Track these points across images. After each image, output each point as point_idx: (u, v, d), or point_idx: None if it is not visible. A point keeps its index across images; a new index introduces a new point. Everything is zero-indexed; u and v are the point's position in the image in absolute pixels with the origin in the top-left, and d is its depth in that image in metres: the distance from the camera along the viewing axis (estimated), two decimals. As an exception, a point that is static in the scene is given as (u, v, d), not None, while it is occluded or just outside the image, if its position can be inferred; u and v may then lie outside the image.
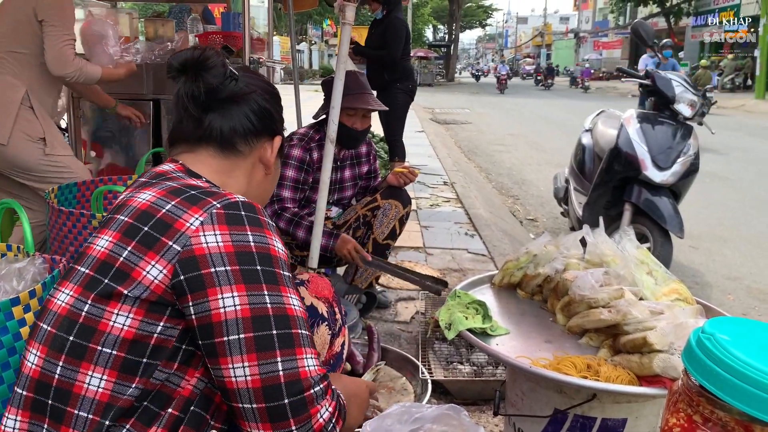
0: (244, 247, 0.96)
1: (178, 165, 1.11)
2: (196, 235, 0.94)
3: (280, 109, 1.23)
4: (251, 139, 1.17)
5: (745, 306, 3.44)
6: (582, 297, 1.43)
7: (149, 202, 0.99)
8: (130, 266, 0.95)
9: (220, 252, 0.94)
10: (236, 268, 0.94)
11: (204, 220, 0.96)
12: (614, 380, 1.23)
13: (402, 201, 2.72)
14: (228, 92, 1.13)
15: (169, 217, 0.96)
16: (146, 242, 0.95)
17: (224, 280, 0.93)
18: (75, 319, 0.95)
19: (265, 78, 1.26)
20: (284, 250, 1.02)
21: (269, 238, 0.99)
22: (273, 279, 0.97)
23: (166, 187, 1.02)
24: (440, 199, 5.48)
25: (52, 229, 2.21)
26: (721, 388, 0.78)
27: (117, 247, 0.97)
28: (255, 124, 1.16)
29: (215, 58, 1.11)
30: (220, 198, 1.00)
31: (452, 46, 41.46)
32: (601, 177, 3.54)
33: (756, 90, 20.40)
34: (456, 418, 1.45)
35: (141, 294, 0.93)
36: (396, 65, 5.26)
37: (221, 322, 0.92)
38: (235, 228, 0.96)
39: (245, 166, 1.18)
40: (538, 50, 68.19)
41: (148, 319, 0.94)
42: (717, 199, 6.01)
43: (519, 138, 11.09)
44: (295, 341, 0.95)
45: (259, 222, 1.00)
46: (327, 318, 1.37)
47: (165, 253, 0.94)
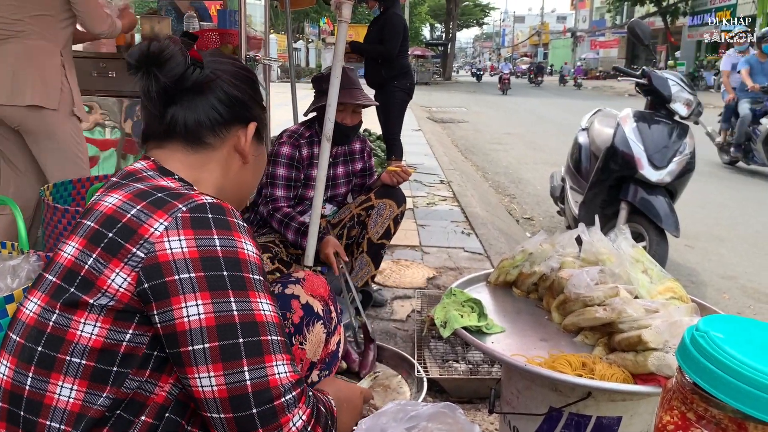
0: (209, 252, 0.92)
1: (149, 162, 1.07)
2: (160, 241, 0.91)
3: (254, 93, 1.17)
4: (220, 130, 1.11)
5: (740, 305, 3.45)
6: (577, 295, 1.43)
7: (115, 206, 0.96)
8: (95, 274, 0.92)
9: (185, 258, 0.91)
10: (201, 274, 0.91)
11: (168, 224, 0.92)
12: (609, 378, 1.23)
13: (396, 200, 2.71)
14: (191, 82, 1.07)
15: (134, 222, 0.93)
16: (111, 249, 0.92)
17: (188, 288, 0.90)
18: (43, 329, 0.93)
19: (237, 61, 1.19)
20: (255, 253, 0.98)
21: (238, 240, 0.95)
22: (241, 284, 0.93)
23: (133, 189, 0.99)
24: (437, 198, 5.49)
25: (47, 226, 2.20)
26: (715, 386, 0.78)
27: (82, 255, 0.94)
28: (222, 113, 1.10)
29: (171, 49, 1.04)
30: (186, 200, 0.96)
31: (449, 44, 41.49)
32: (597, 176, 3.55)
33: (752, 90, 20.44)
34: (451, 416, 1.45)
35: (107, 303, 0.91)
36: (393, 61, 5.23)
37: (185, 332, 0.89)
38: (201, 232, 0.93)
39: (218, 157, 1.13)
40: (535, 49, 68.28)
41: (116, 328, 0.92)
42: (713, 199, 6.03)
43: (516, 137, 11.11)
44: (264, 349, 0.92)
45: (227, 224, 0.96)
46: (323, 316, 1.36)
47: (129, 260, 0.91)
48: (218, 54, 1.18)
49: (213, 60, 1.12)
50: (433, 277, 3.35)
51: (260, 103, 1.18)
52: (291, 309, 1.33)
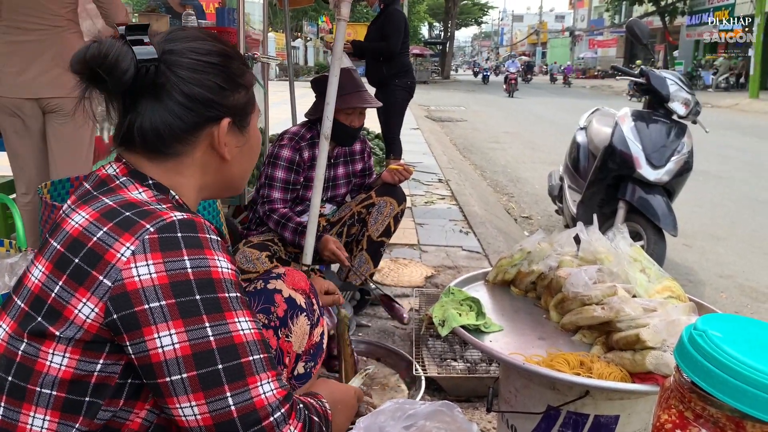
0: (180, 276, 0.86)
1: (122, 166, 1.00)
2: (127, 268, 0.85)
3: (225, 80, 1.02)
4: (185, 137, 1.00)
5: (737, 304, 3.46)
6: (575, 294, 1.43)
7: (81, 227, 0.90)
8: (62, 304, 0.88)
9: (154, 285, 0.85)
10: (172, 301, 0.85)
11: (135, 249, 0.86)
12: (607, 377, 1.23)
13: (397, 198, 2.71)
14: (145, 86, 0.96)
15: (100, 246, 0.87)
16: (77, 277, 0.87)
17: (159, 317, 0.85)
18: (12, 357, 0.90)
19: (199, 38, 1.03)
20: (230, 269, 0.92)
21: (210, 258, 0.89)
22: (215, 307, 0.88)
23: (101, 207, 0.92)
24: (435, 197, 5.49)
25: (45, 223, 2.20)
26: (713, 385, 0.79)
27: (49, 281, 0.89)
28: (184, 119, 0.98)
29: (116, 50, 0.92)
30: (154, 220, 0.89)
31: (448, 43, 41.47)
32: (595, 175, 3.55)
33: (750, 89, 20.50)
34: (449, 415, 1.45)
35: (74, 335, 0.87)
36: (395, 59, 5.21)
37: (161, 362, 0.85)
38: (170, 254, 0.87)
39: (191, 161, 1.03)
40: (533, 48, 68.32)
41: (86, 358, 0.88)
42: (710, 198, 6.04)
43: (514, 136, 11.11)
44: (246, 371, 0.88)
45: (198, 242, 0.89)
46: (305, 309, 1.37)
47: (96, 290, 0.86)
48: (175, 35, 1.02)
49: (169, 49, 0.98)
50: (432, 275, 3.35)
51: (236, 87, 1.05)
52: (275, 303, 1.33)
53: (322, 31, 39.97)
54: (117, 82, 0.93)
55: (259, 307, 1.32)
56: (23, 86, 2.61)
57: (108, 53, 0.91)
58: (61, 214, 0.98)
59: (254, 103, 1.11)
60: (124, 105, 0.98)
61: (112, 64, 0.91)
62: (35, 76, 2.61)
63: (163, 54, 0.97)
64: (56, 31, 2.64)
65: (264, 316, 1.31)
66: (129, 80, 0.93)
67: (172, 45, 0.99)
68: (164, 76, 0.96)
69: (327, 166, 2.59)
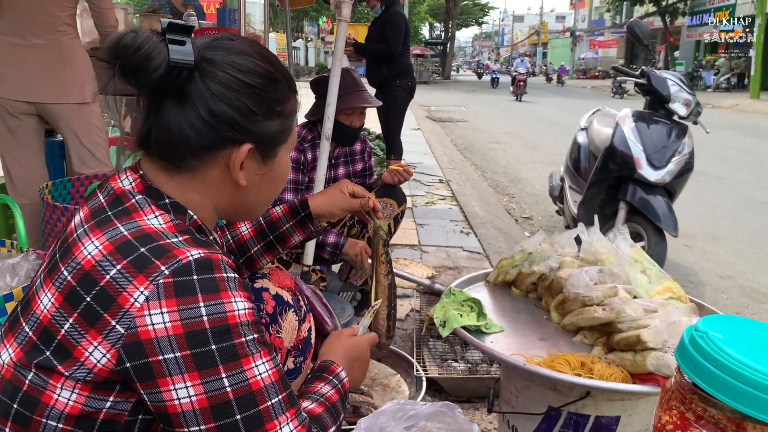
0: (195, 325, 0.83)
1: (138, 180, 0.95)
2: (141, 315, 0.82)
3: (258, 103, 0.95)
4: (200, 153, 0.94)
5: (738, 305, 3.46)
6: (576, 295, 1.43)
7: (94, 260, 0.86)
8: (72, 343, 0.85)
9: (168, 336, 0.82)
10: (187, 353, 0.83)
11: (149, 294, 0.83)
12: (608, 378, 1.23)
13: (397, 199, 2.72)
14: (173, 89, 0.90)
15: (113, 287, 0.84)
16: (88, 317, 0.84)
17: (175, 369, 0.82)
18: (19, 385, 0.87)
19: (247, 53, 0.96)
20: (248, 308, 0.89)
21: (227, 302, 0.86)
22: (232, 355, 0.85)
23: (116, 237, 0.87)
24: (436, 197, 5.49)
25: (46, 224, 2.20)
26: (714, 386, 0.79)
27: (59, 315, 0.86)
28: (203, 134, 0.92)
29: (150, 45, 0.87)
30: (170, 261, 0.85)
31: (448, 44, 41.47)
32: (596, 175, 3.55)
33: (750, 90, 20.49)
34: (450, 416, 1.45)
35: (84, 377, 0.85)
36: (395, 60, 5.23)
37: (178, 414, 0.84)
38: (185, 301, 0.83)
39: (205, 178, 0.97)
40: (534, 49, 68.29)
41: (96, 396, 0.86)
42: (711, 199, 6.04)
43: (514, 136, 11.11)
44: (265, 417, 0.87)
45: (214, 285, 0.86)
46: (293, 305, 1.38)
47: (108, 335, 0.83)
48: (220, 43, 0.96)
49: (208, 58, 0.92)
50: (432, 276, 3.35)
51: (269, 114, 0.97)
52: (263, 301, 1.34)
53: (322, 31, 40.01)
54: (144, 80, 0.88)
55: None
56: (22, 89, 2.62)
57: (141, 46, 0.86)
58: (72, 233, 0.93)
59: (289, 134, 1.04)
60: (149, 105, 0.94)
61: (143, 58, 0.86)
62: (34, 81, 2.62)
63: (201, 61, 0.92)
64: (56, 35, 2.65)
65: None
66: (157, 80, 0.88)
67: (212, 53, 0.93)
68: (195, 84, 0.91)
69: (328, 167, 2.60)
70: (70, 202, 2.58)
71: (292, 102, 1.03)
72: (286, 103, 1.01)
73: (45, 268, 0.94)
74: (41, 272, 0.95)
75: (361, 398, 1.93)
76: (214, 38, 0.96)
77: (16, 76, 2.61)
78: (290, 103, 1.02)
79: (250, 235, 1.43)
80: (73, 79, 2.69)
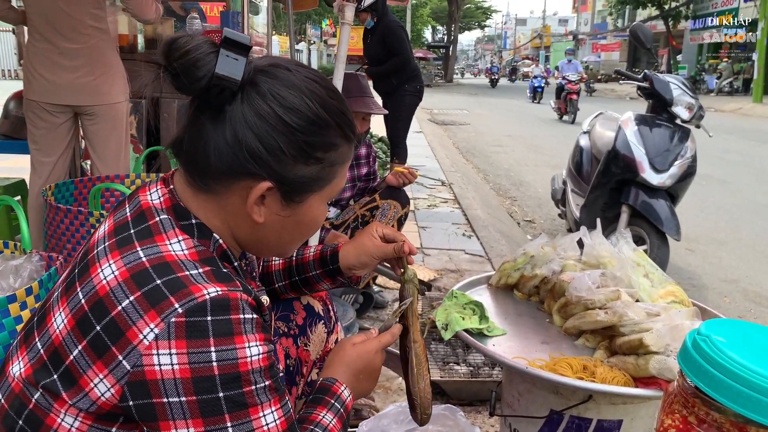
0: (203, 370, 0.80)
1: (166, 195, 0.92)
2: (149, 354, 0.79)
3: (297, 148, 0.89)
4: (219, 177, 0.90)
5: (740, 308, 3.45)
6: (579, 298, 1.43)
7: (109, 287, 0.83)
8: (79, 371, 0.83)
9: (175, 378, 0.79)
10: (193, 398, 0.79)
11: (159, 333, 0.79)
12: (610, 381, 1.23)
13: (401, 201, 2.72)
14: (213, 105, 0.87)
15: (123, 320, 0.81)
16: (96, 347, 0.82)
17: (178, 414, 0.80)
18: (26, 402, 0.86)
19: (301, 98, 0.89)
20: (262, 353, 0.84)
21: (240, 348, 0.82)
22: (239, 404, 0.82)
23: (134, 264, 0.84)
24: (438, 200, 5.49)
25: (50, 226, 2.21)
26: (717, 390, 0.79)
27: (70, 339, 0.84)
28: (223, 158, 0.88)
29: (198, 53, 0.83)
30: (185, 298, 0.81)
31: (451, 47, 41.50)
32: (598, 179, 3.55)
33: (753, 93, 20.46)
34: (452, 419, 1.45)
35: (88, 408, 0.83)
36: (407, 67, 5.26)
37: None
38: (196, 344, 0.80)
39: (226, 203, 0.92)
40: (536, 52, 68.31)
41: (99, 426, 0.84)
42: (713, 202, 6.03)
43: (517, 139, 11.11)
44: None
45: (229, 328, 0.82)
46: (323, 316, 1.37)
47: (114, 369, 0.81)
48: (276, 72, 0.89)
49: (256, 81, 0.87)
50: (434, 278, 3.35)
51: (303, 158, 0.90)
52: (294, 311, 1.33)
53: (325, 34, 40.08)
54: (186, 86, 0.85)
55: (278, 315, 1.31)
56: (56, 92, 2.72)
57: (190, 52, 0.83)
58: (94, 247, 0.90)
59: (327, 184, 0.95)
60: (191, 111, 0.90)
61: (189, 64, 0.83)
62: (66, 83, 2.71)
63: (248, 84, 0.87)
64: (83, 38, 2.72)
65: (283, 324, 1.31)
66: (198, 90, 0.85)
67: (262, 78, 0.88)
68: (234, 105, 0.86)
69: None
70: (73, 204, 2.59)
71: (340, 151, 0.94)
72: (331, 151, 0.93)
73: (65, 279, 0.92)
74: (60, 284, 0.93)
75: (363, 401, 1.93)
76: (272, 62, 0.91)
77: (49, 80, 2.71)
78: (336, 152, 0.94)
79: (278, 268, 1.34)
80: (103, 80, 2.78)
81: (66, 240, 2.14)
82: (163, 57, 0.85)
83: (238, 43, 0.85)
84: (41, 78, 2.71)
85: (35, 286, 1.42)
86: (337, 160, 0.95)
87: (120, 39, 3.82)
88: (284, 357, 1.26)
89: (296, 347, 1.30)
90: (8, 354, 0.93)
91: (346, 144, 0.96)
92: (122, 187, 2.19)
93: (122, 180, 2.70)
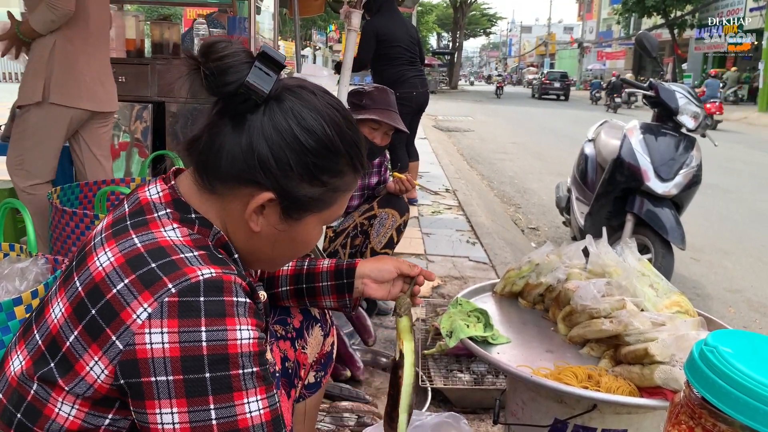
0: (192, 349, 0.80)
1: (167, 191, 0.94)
2: (141, 332, 0.80)
3: (305, 168, 0.92)
4: (225, 180, 0.92)
5: (746, 319, 3.43)
6: (584, 307, 1.43)
7: (104, 272, 0.85)
8: (75, 356, 0.84)
9: (164, 357, 0.80)
10: (179, 377, 0.80)
11: (152, 312, 0.80)
12: (615, 391, 1.22)
13: (399, 210, 2.71)
14: (237, 111, 0.90)
15: (118, 302, 0.82)
16: (92, 331, 0.83)
17: (164, 393, 0.80)
18: (23, 395, 0.87)
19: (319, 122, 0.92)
20: (253, 338, 0.84)
21: (230, 330, 0.82)
22: (225, 387, 0.82)
23: (128, 250, 0.86)
24: (442, 207, 5.49)
25: (55, 228, 2.22)
26: (724, 401, 0.78)
27: (66, 327, 0.85)
28: (233, 163, 0.90)
29: (232, 59, 0.87)
30: (179, 278, 0.82)
31: (456, 54, 41.61)
32: (603, 187, 3.54)
33: (759, 103, 20.44)
34: (456, 427, 1.45)
35: (84, 392, 0.84)
36: (377, 74, 5.05)
37: None
38: (187, 323, 0.80)
39: (230, 208, 0.94)
40: (541, 59, 68.42)
41: (95, 412, 0.85)
42: (719, 211, 6.01)
43: (521, 146, 11.12)
44: None
45: (221, 309, 0.82)
46: (320, 319, 1.37)
47: (108, 350, 0.82)
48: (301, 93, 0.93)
49: (281, 98, 0.91)
50: (438, 285, 3.34)
51: (310, 179, 0.93)
52: (291, 314, 1.33)
53: (330, 40, 40.20)
54: (214, 87, 0.88)
55: (276, 318, 1.31)
56: (111, 100, 2.85)
57: (225, 57, 0.87)
58: (91, 240, 0.92)
59: (326, 207, 0.98)
60: (214, 113, 0.93)
61: (222, 68, 0.87)
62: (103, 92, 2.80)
63: (273, 98, 0.90)
64: (107, 46, 2.85)
65: (281, 327, 1.30)
66: (224, 94, 0.88)
67: (287, 96, 0.92)
68: (255, 115, 0.90)
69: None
70: (78, 207, 2.60)
71: (345, 179, 0.98)
72: (336, 177, 0.96)
73: (62, 273, 0.94)
74: (58, 279, 0.95)
75: (366, 408, 1.93)
76: (300, 84, 0.95)
77: (107, 88, 2.83)
78: (342, 179, 0.97)
79: (285, 273, 1.34)
80: (114, 88, 2.91)
81: (72, 243, 2.15)
82: (201, 56, 0.88)
83: (274, 59, 0.89)
84: (98, 86, 2.76)
85: (41, 289, 1.42)
86: (341, 187, 0.98)
87: (127, 44, 3.85)
88: (283, 360, 1.26)
89: (294, 350, 1.30)
90: (6, 350, 0.94)
91: (353, 174, 0.99)
92: (128, 190, 2.20)
93: (128, 183, 2.71)
